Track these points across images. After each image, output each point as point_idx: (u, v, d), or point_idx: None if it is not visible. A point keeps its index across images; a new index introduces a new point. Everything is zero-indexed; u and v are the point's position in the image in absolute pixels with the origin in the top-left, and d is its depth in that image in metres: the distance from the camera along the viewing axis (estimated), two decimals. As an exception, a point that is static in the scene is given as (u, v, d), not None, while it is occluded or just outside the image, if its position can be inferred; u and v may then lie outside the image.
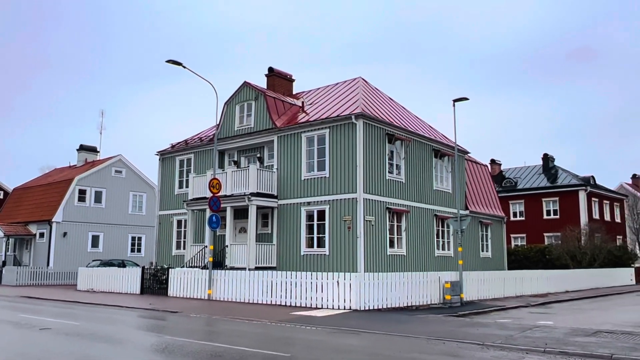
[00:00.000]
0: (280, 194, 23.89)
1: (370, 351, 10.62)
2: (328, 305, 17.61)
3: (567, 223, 39.08)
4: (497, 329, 13.43)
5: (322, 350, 10.58)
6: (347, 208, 21.58)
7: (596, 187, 45.48)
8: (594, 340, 11.60)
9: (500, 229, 32.40)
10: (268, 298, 19.18)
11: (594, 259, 35.59)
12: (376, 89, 28.43)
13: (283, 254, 23.42)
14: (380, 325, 13.87)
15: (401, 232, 23.54)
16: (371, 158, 22.09)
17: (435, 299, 19.57)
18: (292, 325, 14.05)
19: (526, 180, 47.17)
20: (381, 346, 11.15)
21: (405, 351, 10.47)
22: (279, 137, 24.35)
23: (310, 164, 23.22)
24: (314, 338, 12.09)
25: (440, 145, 26.50)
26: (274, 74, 28.42)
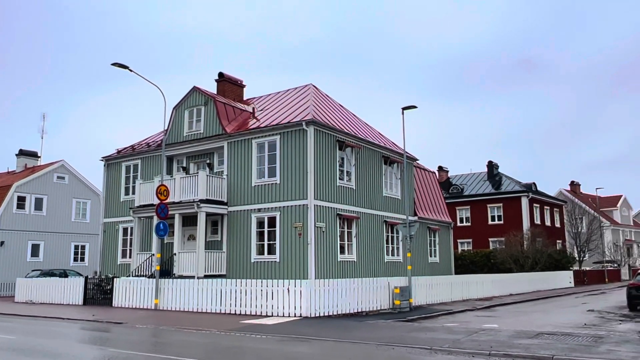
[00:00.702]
0: (231, 201, 23.57)
1: (320, 359, 10.57)
2: (279, 312, 17.45)
3: (510, 228, 40.39)
4: (444, 333, 13.65)
5: (271, 359, 10.46)
6: (297, 214, 21.51)
7: (537, 193, 47.25)
8: (537, 342, 11.96)
9: (447, 235, 33.12)
10: (217, 307, 18.82)
11: (536, 262, 36.89)
12: (327, 95, 28.58)
13: (233, 261, 23.09)
14: (330, 333, 13.84)
15: (352, 238, 23.67)
16: (322, 164, 22.14)
17: (385, 304, 19.73)
18: (242, 334, 13.82)
19: (472, 186, 48.50)
20: (331, 353, 11.12)
21: (355, 358, 10.48)
22: (229, 143, 24.05)
23: (261, 170, 23.04)
24: (264, 347, 11.93)
25: (389, 152, 26.87)
26: (224, 80, 28.09)
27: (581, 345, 11.50)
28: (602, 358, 9.96)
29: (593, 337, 12.76)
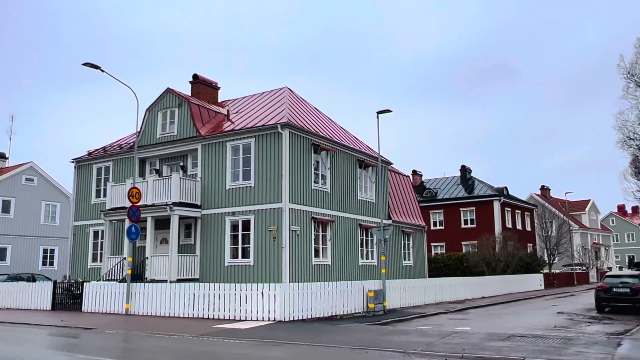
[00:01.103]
0: (204, 204, 23.33)
1: (294, 363, 10.50)
2: (252, 317, 17.31)
3: (483, 232, 40.89)
4: (418, 336, 13.71)
5: (245, 364, 10.34)
6: (272, 218, 21.40)
7: (509, 197, 47.98)
8: (508, 344, 12.10)
9: (421, 238, 33.36)
10: (190, 311, 18.56)
11: (508, 265, 37.42)
12: (302, 99, 28.55)
13: (206, 265, 22.84)
14: (304, 336, 13.77)
15: (326, 242, 23.65)
16: (297, 168, 22.08)
17: (360, 307, 19.74)
18: (215, 338, 13.65)
19: (445, 190, 49.00)
20: (305, 358, 11.05)
21: (329, 362, 10.43)
22: (204, 146, 23.81)
23: (236, 173, 22.87)
24: (237, 352, 11.80)
25: (364, 156, 26.96)
26: (198, 81, 27.82)
27: (551, 347, 11.67)
28: (572, 359, 10.12)
29: (563, 339, 12.97)
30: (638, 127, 26.90)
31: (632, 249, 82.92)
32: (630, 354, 10.63)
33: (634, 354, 10.62)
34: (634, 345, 11.77)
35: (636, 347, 11.60)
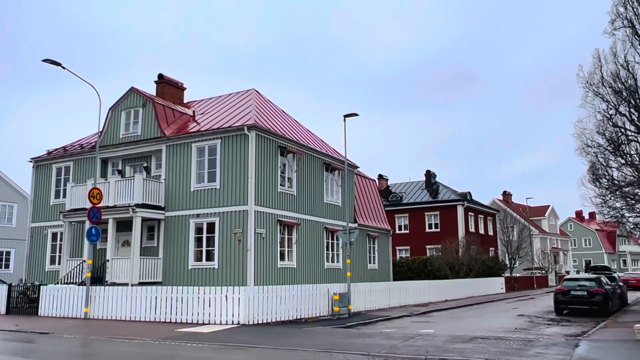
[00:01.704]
0: (168, 206, 22.93)
1: (258, 367, 10.37)
2: (216, 320, 17.06)
3: (446, 236, 41.49)
4: (382, 338, 13.76)
5: (207, 368, 10.16)
6: (237, 220, 21.18)
7: (472, 202, 48.84)
8: (471, 346, 12.25)
9: (386, 242, 33.59)
10: (152, 315, 18.17)
11: (470, 269, 38.04)
12: (269, 101, 28.42)
13: (169, 268, 22.43)
14: (269, 340, 13.65)
15: (292, 245, 23.55)
16: (263, 170, 21.94)
17: (325, 310, 19.71)
18: (178, 343, 13.39)
19: (410, 195, 49.52)
20: (269, 361, 10.94)
21: (294, 365, 10.35)
22: (168, 147, 23.42)
23: (201, 174, 22.57)
24: (200, 355, 11.59)
25: (331, 160, 26.99)
26: (164, 81, 27.38)
27: (512, 348, 11.87)
28: (531, 361, 10.31)
29: (523, 340, 13.22)
30: (596, 135, 27.65)
31: (588, 254, 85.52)
32: (588, 355, 10.90)
33: (591, 355, 10.89)
34: (590, 347, 12.08)
35: (593, 348, 11.91)
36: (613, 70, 27.68)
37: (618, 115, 27.33)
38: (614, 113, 27.40)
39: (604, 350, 11.60)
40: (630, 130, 27.24)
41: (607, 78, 27.75)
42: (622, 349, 11.64)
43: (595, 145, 27.84)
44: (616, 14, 28.18)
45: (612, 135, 27.36)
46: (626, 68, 27.38)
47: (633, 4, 28.14)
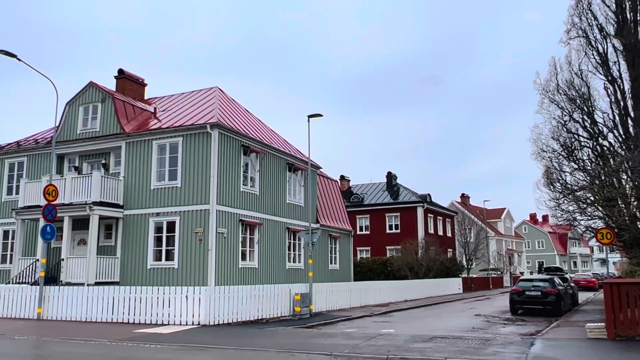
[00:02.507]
0: (127, 204, 22.40)
1: (219, 367, 10.25)
2: (176, 321, 16.76)
3: (406, 237, 42.04)
4: (344, 338, 13.81)
5: (167, 370, 9.97)
6: (199, 220, 20.88)
7: (432, 204, 49.65)
8: (431, 345, 12.44)
9: (347, 242, 33.77)
10: (109, 316, 17.69)
11: (429, 270, 38.64)
12: (233, 99, 28.14)
13: (127, 267, 21.91)
14: (230, 340, 13.51)
15: (254, 245, 23.38)
16: (226, 169, 21.70)
17: (286, 311, 19.65)
18: (136, 344, 13.08)
19: (372, 196, 49.96)
20: (231, 362, 10.82)
21: (256, 365, 10.27)
22: (128, 144, 22.89)
23: (161, 173, 22.14)
24: (159, 357, 11.37)
25: (294, 160, 26.94)
26: (124, 77, 26.73)
27: (471, 347, 12.11)
28: (490, 359, 10.54)
29: (481, 339, 13.51)
30: (551, 141, 28.55)
31: (541, 255, 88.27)
32: (543, 353, 11.22)
33: (546, 353, 11.22)
34: (545, 345, 12.44)
35: (547, 346, 12.28)
36: (568, 79, 28.64)
37: (572, 122, 28.31)
38: (568, 119, 28.37)
39: (558, 348, 11.97)
40: (582, 137, 28.25)
41: (562, 86, 28.71)
42: (575, 347, 12.03)
43: (550, 150, 28.75)
44: (571, 24, 29.18)
45: (566, 141, 28.30)
46: (580, 76, 28.38)
47: (587, 15, 29.17)
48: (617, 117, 27.52)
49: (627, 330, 12.86)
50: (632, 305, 12.94)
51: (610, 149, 27.28)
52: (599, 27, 28.08)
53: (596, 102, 27.91)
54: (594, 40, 28.10)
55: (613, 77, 27.63)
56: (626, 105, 27.40)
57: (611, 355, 10.70)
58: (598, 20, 28.20)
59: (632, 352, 11.01)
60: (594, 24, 28.21)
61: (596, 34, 28.09)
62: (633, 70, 27.29)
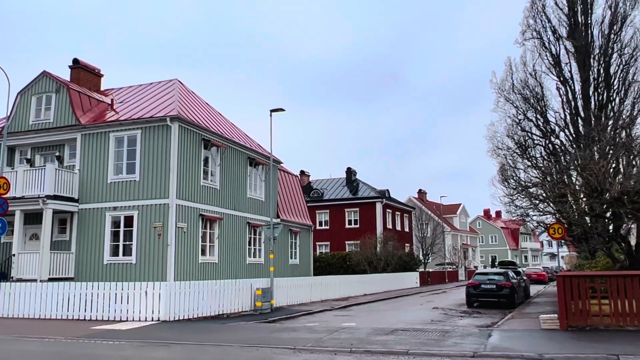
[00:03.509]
0: (83, 198, 21.76)
1: (182, 363, 10.12)
2: (135, 317, 16.45)
3: (365, 232, 42.47)
4: (306, 332, 13.87)
5: (129, 366, 9.78)
6: (158, 214, 20.49)
7: (390, 199, 50.29)
8: (392, 338, 12.65)
9: (308, 237, 33.85)
10: (65, 312, 17.19)
11: (388, 264, 39.18)
12: (193, 92, 27.69)
13: (83, 263, 21.30)
14: (191, 336, 13.36)
15: (214, 240, 23.13)
16: (186, 163, 21.36)
17: (247, 306, 19.57)
18: (94, 341, 12.77)
19: (331, 191, 50.20)
20: (194, 357, 10.71)
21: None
22: (84, 136, 22.21)
23: (119, 166, 21.60)
24: (119, 354, 11.13)
25: (255, 154, 26.77)
26: (79, 66, 25.88)
27: (431, 339, 12.38)
28: (450, 350, 10.82)
29: (440, 331, 13.83)
30: (506, 139, 29.33)
31: (494, 250, 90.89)
32: (500, 344, 11.58)
33: (503, 344, 11.58)
34: (502, 336, 12.84)
35: (504, 337, 12.67)
36: (523, 78, 29.49)
37: (526, 121, 29.18)
38: (523, 118, 29.23)
39: (514, 339, 12.38)
40: (536, 135, 29.18)
41: (517, 85, 29.53)
42: (530, 338, 12.47)
43: (505, 148, 29.53)
44: (526, 25, 30.06)
45: (520, 139, 29.16)
46: (534, 77, 29.27)
47: (541, 17, 30.10)
48: (568, 117, 28.57)
49: (578, 320, 13.44)
50: (582, 297, 13.52)
51: (561, 148, 28.32)
52: (552, 29, 29.05)
53: (549, 101, 28.89)
54: (548, 42, 29.05)
55: (565, 78, 28.65)
56: (577, 106, 28.47)
57: (564, 345, 11.15)
58: (551, 22, 29.16)
59: (584, 342, 11.51)
60: (548, 26, 29.16)
61: (549, 36, 29.05)
62: (583, 72, 28.38)
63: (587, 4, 28.91)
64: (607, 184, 17.01)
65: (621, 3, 28.04)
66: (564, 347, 10.76)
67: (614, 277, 13.55)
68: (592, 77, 28.17)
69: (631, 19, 27.64)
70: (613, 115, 26.74)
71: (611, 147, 20.09)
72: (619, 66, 27.76)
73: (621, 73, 27.69)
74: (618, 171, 18.75)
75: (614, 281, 13.38)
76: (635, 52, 27.47)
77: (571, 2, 28.96)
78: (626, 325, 13.02)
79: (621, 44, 27.72)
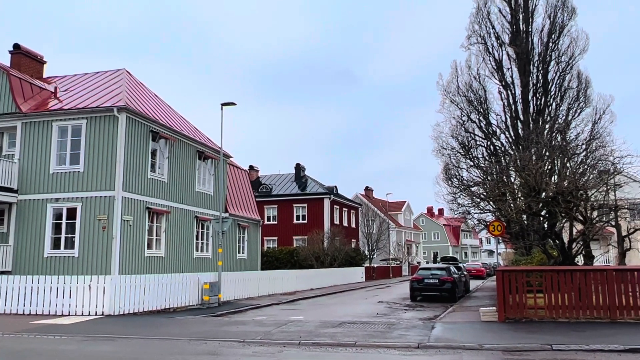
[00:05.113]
0: (22, 189, 20.80)
1: (127, 357, 9.89)
2: (78, 311, 15.91)
3: (313, 227, 42.66)
4: (255, 326, 13.84)
5: (72, 361, 9.47)
6: (103, 206, 19.86)
7: (338, 196, 50.71)
8: (340, 330, 12.81)
9: (256, 232, 33.68)
10: (2, 307, 16.42)
11: (334, 259, 39.55)
12: (141, 83, 26.95)
13: (22, 256, 20.35)
14: (137, 330, 13.07)
15: (161, 233, 22.64)
16: (133, 155, 20.79)
17: (194, 300, 19.31)
18: (34, 335, 12.28)
19: (280, 187, 50.10)
20: (140, 351, 10.49)
21: (167, 354, 10.05)
22: (24, 124, 21.22)
23: (62, 156, 20.77)
24: (63, 348, 10.76)
25: (204, 148, 26.37)
26: (20, 52, 24.65)
27: (377, 331, 12.63)
28: (396, 342, 11.08)
29: (386, 324, 14.12)
30: (450, 139, 30.21)
31: (437, 246, 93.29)
32: (443, 335, 11.96)
33: (445, 335, 11.96)
34: (444, 328, 13.25)
35: (446, 329, 13.08)
36: (467, 81, 30.45)
37: (469, 122, 30.17)
38: (466, 120, 30.19)
39: (456, 330, 12.80)
40: (478, 136, 30.20)
41: (462, 87, 30.46)
42: (470, 329, 12.93)
43: (449, 148, 30.41)
44: (472, 31, 31.02)
45: (464, 139, 30.10)
46: (478, 80, 30.28)
47: (486, 24, 31.12)
48: (508, 120, 29.74)
49: (515, 313, 14.04)
50: (520, 291, 14.13)
51: (502, 149, 29.43)
52: (496, 35, 30.15)
53: (491, 104, 30.01)
54: (491, 47, 30.13)
55: (507, 83, 29.79)
56: (517, 109, 29.69)
57: (502, 336, 11.63)
58: (495, 28, 30.27)
59: (520, 332, 12.05)
60: (492, 32, 30.24)
61: (493, 42, 30.15)
62: (524, 77, 29.60)
63: (529, 13, 30.13)
64: (544, 184, 17.82)
65: (559, 13, 29.40)
66: (502, 338, 11.22)
67: (549, 272, 14.24)
68: (531, 83, 29.44)
69: (568, 28, 29.08)
70: (550, 119, 28.06)
71: (548, 150, 21.05)
72: (556, 73, 29.16)
73: (558, 79, 29.09)
74: (554, 172, 19.66)
75: (548, 276, 14.06)
76: (571, 61, 28.91)
77: (514, 10, 30.14)
78: (559, 317, 13.72)
79: (558, 52, 29.12)
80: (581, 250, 18.72)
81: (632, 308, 13.40)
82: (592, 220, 18.21)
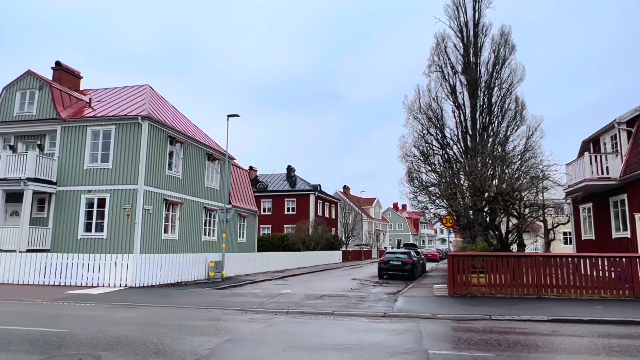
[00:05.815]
0: (61, 181, 20.44)
1: (147, 321, 9.79)
2: (105, 283, 15.71)
3: (300, 218, 42.57)
4: (252, 297, 13.79)
5: (99, 324, 9.32)
6: (127, 197, 19.60)
7: (321, 192, 50.64)
8: (321, 302, 12.82)
9: (254, 221, 33.50)
10: (42, 279, 16.14)
11: (317, 244, 39.51)
12: (162, 97, 26.64)
13: (59, 237, 20.01)
14: (155, 299, 12.94)
15: (175, 221, 22.42)
16: (153, 155, 20.56)
17: (202, 276, 19.16)
18: (68, 303, 12.09)
19: (274, 184, 49.90)
20: (157, 316, 10.39)
21: (179, 319, 9.96)
22: (63, 128, 20.86)
23: (94, 155, 20.45)
24: (91, 314, 10.60)
25: (212, 151, 26.17)
26: (61, 68, 24.22)
27: (352, 303, 12.66)
28: (366, 311, 11.12)
29: (358, 297, 14.15)
30: (413, 148, 30.42)
31: (400, 235, 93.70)
32: (404, 306, 12.02)
33: (406, 306, 12.03)
34: (405, 301, 13.32)
35: (406, 301, 13.15)
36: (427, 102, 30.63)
37: (428, 135, 30.36)
38: (426, 133, 30.38)
39: (414, 303, 12.88)
40: (435, 146, 30.40)
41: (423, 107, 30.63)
42: (426, 302, 13.01)
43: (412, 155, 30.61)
44: (432, 61, 31.19)
45: (424, 149, 30.30)
46: (436, 101, 30.47)
47: (444, 56, 31.27)
48: (460, 134, 30.00)
49: (462, 289, 14.18)
50: (466, 272, 14.27)
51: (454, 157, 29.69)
52: (451, 65, 30.38)
53: (446, 121, 30.26)
54: (447, 75, 30.36)
55: (459, 104, 30.04)
56: (467, 126, 29.95)
57: (451, 308, 11.73)
58: (451, 60, 30.49)
59: (466, 305, 12.16)
60: (448, 63, 30.47)
61: (449, 70, 30.38)
62: (473, 100, 29.86)
63: (478, 48, 30.41)
64: (487, 186, 18.02)
65: (502, 49, 29.72)
66: (451, 309, 11.32)
67: (489, 257, 14.40)
68: (479, 104, 29.74)
69: (509, 61, 29.43)
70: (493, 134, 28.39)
71: (491, 158, 21.30)
72: (499, 97, 29.50)
73: (500, 102, 29.43)
74: (495, 176, 19.89)
75: (488, 260, 14.22)
76: (511, 87, 29.26)
77: (466, 45, 30.40)
78: (497, 294, 13.89)
79: (501, 80, 29.46)
80: (515, 239, 18.97)
81: (554, 287, 13.63)
82: (525, 216, 18.45)
